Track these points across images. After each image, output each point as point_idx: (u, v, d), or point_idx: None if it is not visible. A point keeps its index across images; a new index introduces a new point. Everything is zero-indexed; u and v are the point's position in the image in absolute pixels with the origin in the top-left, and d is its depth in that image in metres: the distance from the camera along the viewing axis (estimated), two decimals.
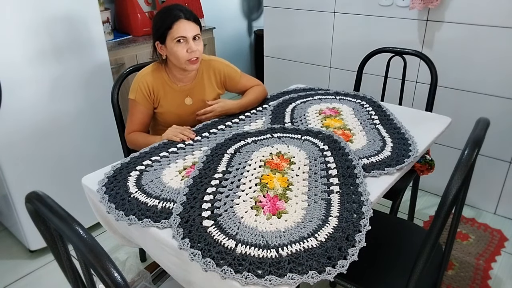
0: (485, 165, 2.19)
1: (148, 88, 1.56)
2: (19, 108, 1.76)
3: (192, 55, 1.49)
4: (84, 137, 2.03)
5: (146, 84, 1.55)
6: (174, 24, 1.46)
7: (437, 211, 0.89)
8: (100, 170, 1.27)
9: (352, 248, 0.92)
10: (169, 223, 1.01)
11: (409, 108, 1.80)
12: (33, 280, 1.88)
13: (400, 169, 1.24)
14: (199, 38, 1.51)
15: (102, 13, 2.24)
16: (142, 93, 1.55)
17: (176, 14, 1.47)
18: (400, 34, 2.25)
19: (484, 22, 1.97)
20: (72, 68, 1.90)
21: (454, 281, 1.80)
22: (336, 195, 1.10)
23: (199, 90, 1.65)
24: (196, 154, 1.34)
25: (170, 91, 1.60)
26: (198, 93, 1.65)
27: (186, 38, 1.47)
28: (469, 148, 0.90)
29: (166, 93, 1.60)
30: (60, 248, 0.79)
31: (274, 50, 2.90)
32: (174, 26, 1.46)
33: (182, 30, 1.46)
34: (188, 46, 1.48)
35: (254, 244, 0.93)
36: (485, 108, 2.10)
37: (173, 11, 1.47)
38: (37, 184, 1.90)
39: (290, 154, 1.31)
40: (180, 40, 1.47)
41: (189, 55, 1.48)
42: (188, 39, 1.48)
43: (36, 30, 1.73)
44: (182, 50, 1.48)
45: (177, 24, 1.46)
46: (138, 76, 1.58)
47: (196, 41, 1.50)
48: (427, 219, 2.23)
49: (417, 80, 2.27)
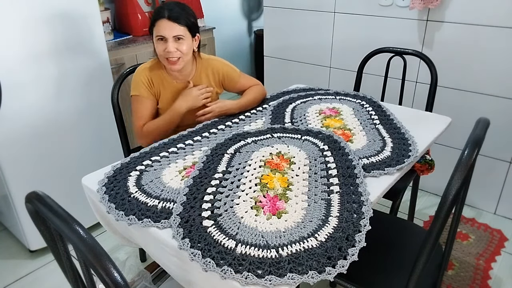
0: (485, 165, 2.19)
1: (148, 81, 1.56)
2: (19, 108, 1.76)
3: (168, 55, 1.48)
4: (84, 137, 2.03)
5: (145, 77, 1.56)
6: (156, 22, 1.48)
7: (437, 211, 0.89)
8: (100, 170, 1.27)
9: (352, 248, 0.92)
10: (169, 223, 1.01)
11: (409, 108, 1.80)
12: (33, 280, 1.88)
13: (400, 169, 1.24)
14: (183, 39, 1.48)
15: (102, 13, 2.24)
16: (145, 86, 1.56)
17: (161, 12, 1.47)
18: (400, 34, 2.25)
19: (484, 22, 1.97)
20: (72, 68, 1.90)
21: (454, 281, 1.80)
22: (336, 195, 1.10)
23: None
24: (196, 154, 1.34)
25: (168, 87, 1.60)
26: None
27: (164, 37, 1.47)
28: (469, 148, 0.90)
29: (165, 88, 1.60)
30: (60, 248, 0.79)
31: (274, 50, 2.90)
32: (156, 23, 1.48)
33: (161, 29, 1.46)
34: (166, 46, 1.48)
35: (254, 244, 0.93)
36: (485, 108, 2.10)
37: (161, 9, 1.48)
38: (37, 184, 1.90)
39: (290, 154, 1.31)
40: (162, 39, 1.48)
41: (165, 54, 1.48)
42: (167, 39, 1.47)
43: (36, 30, 1.73)
44: (161, 48, 1.49)
45: (158, 23, 1.47)
46: (137, 71, 1.59)
47: (178, 42, 1.48)
48: (427, 219, 2.23)
49: (417, 80, 2.27)
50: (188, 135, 1.48)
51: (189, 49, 1.52)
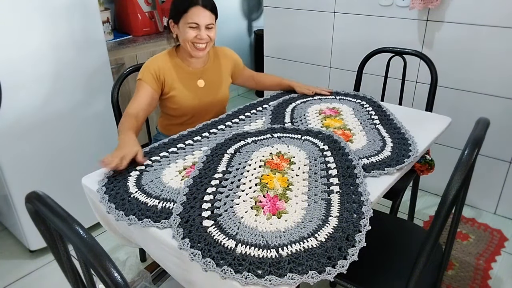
0: (485, 165, 2.19)
1: (157, 69, 1.56)
2: (19, 108, 1.76)
3: (199, 41, 1.51)
4: (84, 137, 2.03)
5: (155, 65, 1.56)
6: (190, 9, 1.48)
7: (437, 211, 0.89)
8: (100, 170, 1.27)
9: (352, 248, 0.92)
10: (169, 223, 1.01)
11: (409, 108, 1.80)
12: (33, 280, 1.88)
13: (400, 169, 1.24)
14: (213, 27, 1.53)
15: (102, 13, 2.24)
16: (150, 73, 1.55)
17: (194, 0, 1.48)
18: (400, 34, 2.25)
19: (484, 22, 1.97)
20: (72, 68, 1.90)
21: (454, 281, 1.80)
22: (336, 195, 1.10)
23: (212, 73, 1.68)
24: (196, 154, 1.34)
25: (182, 73, 1.61)
26: (211, 76, 1.68)
27: (198, 25, 1.49)
28: (469, 148, 0.90)
29: (179, 75, 1.61)
30: (60, 248, 0.79)
31: (274, 50, 2.90)
32: (189, 10, 1.48)
33: (196, 16, 1.48)
34: (198, 33, 1.50)
35: (254, 244, 0.93)
36: (485, 108, 2.10)
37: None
38: (37, 184, 1.90)
39: (290, 154, 1.31)
40: (193, 26, 1.49)
41: (196, 40, 1.51)
42: (200, 26, 1.50)
43: (36, 30, 1.73)
44: (192, 35, 1.51)
45: (192, 10, 1.48)
46: (150, 59, 1.60)
47: (209, 29, 1.52)
48: (427, 219, 2.23)
49: (417, 80, 2.27)
50: (188, 135, 1.48)
51: (215, 36, 1.57)
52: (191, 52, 1.55)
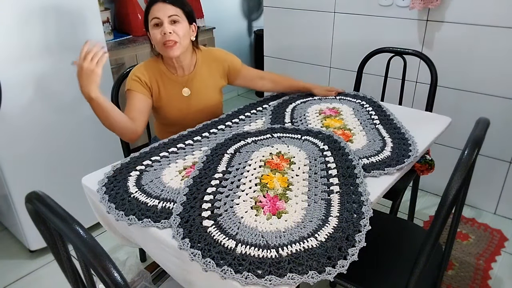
0: (485, 165, 2.19)
1: (142, 76, 1.52)
2: (19, 108, 1.76)
3: (165, 37, 1.43)
4: (84, 137, 2.03)
5: (139, 73, 1.52)
6: (151, 8, 1.46)
7: (437, 211, 0.89)
8: (100, 170, 1.27)
9: (352, 248, 0.92)
10: (169, 223, 1.01)
11: (409, 108, 1.80)
12: (33, 280, 1.88)
13: (400, 169, 1.24)
14: (179, 20, 1.45)
15: (102, 13, 2.24)
16: (136, 81, 1.51)
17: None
18: (400, 34, 2.25)
19: (484, 22, 1.97)
20: (72, 68, 1.89)
21: (454, 281, 1.80)
22: (336, 195, 1.10)
23: (197, 81, 1.61)
24: (196, 154, 1.34)
25: (168, 82, 1.57)
26: (197, 83, 1.61)
27: (160, 20, 1.44)
28: (469, 148, 0.90)
29: (165, 83, 1.57)
30: (60, 248, 0.79)
31: (274, 50, 2.90)
32: (151, 9, 1.46)
33: (155, 11, 1.44)
34: (162, 28, 1.44)
35: (254, 244, 0.93)
36: (485, 108, 2.10)
37: None
38: (37, 184, 1.90)
39: (290, 154, 1.31)
40: (157, 24, 1.45)
41: (163, 37, 1.44)
42: (162, 21, 1.44)
43: (36, 29, 1.74)
44: (158, 34, 1.45)
45: (153, 7, 1.45)
46: (133, 69, 1.56)
47: (173, 25, 1.45)
48: (427, 219, 2.23)
49: (417, 80, 2.27)
50: (188, 135, 1.48)
51: (186, 34, 1.49)
52: (164, 53, 1.49)
